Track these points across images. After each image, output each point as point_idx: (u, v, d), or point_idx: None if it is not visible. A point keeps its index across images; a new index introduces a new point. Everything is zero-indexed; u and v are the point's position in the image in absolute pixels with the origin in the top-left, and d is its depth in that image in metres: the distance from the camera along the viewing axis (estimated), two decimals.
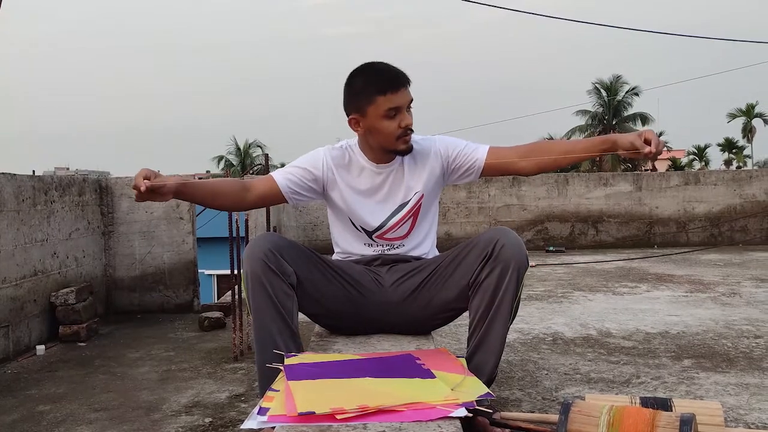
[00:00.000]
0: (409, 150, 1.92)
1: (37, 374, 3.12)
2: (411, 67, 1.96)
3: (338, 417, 1.27)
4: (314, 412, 1.28)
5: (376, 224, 1.98)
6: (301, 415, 1.28)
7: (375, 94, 1.84)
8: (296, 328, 1.77)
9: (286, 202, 1.98)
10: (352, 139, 2.00)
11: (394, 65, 1.92)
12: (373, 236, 1.99)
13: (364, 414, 1.29)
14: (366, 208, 1.97)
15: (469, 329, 1.85)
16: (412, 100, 1.89)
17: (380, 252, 2.01)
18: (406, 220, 1.99)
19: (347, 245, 2.04)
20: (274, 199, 1.96)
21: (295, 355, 1.67)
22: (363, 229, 1.99)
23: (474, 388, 1.47)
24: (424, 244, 2.05)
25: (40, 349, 3.56)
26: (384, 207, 1.98)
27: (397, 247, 2.01)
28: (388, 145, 1.91)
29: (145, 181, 1.67)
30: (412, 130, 1.89)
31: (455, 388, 1.44)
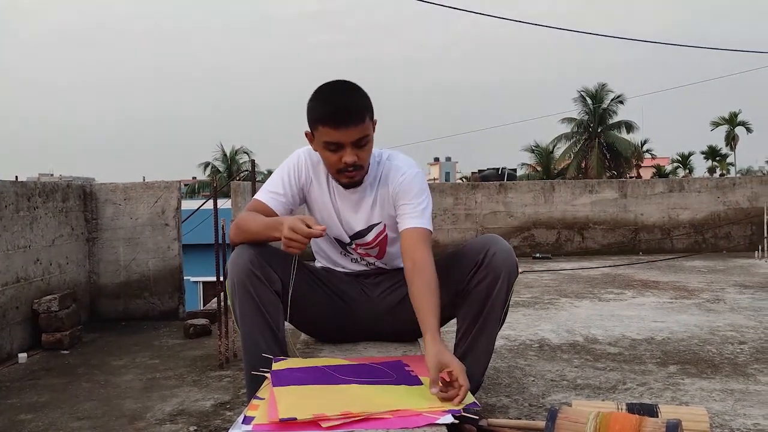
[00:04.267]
0: (352, 185, 1.82)
1: (18, 382, 3.07)
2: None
3: (323, 425, 1.26)
4: (296, 418, 1.27)
5: (346, 241, 1.94)
6: (282, 421, 1.27)
7: (317, 122, 1.71)
8: (283, 336, 1.76)
9: None
10: None
11: (353, 97, 1.72)
12: (348, 248, 1.96)
13: (349, 422, 1.28)
14: (334, 221, 1.90)
15: (457, 336, 1.85)
16: (364, 137, 1.72)
17: (362, 265, 1.98)
18: (373, 247, 1.93)
19: (327, 251, 2.01)
20: None
21: (283, 359, 1.66)
22: (336, 240, 1.95)
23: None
24: (400, 260, 2.00)
25: (23, 357, 3.51)
26: (349, 225, 1.90)
27: (373, 264, 1.99)
28: (332, 174, 1.81)
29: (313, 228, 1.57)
30: (359, 167, 1.75)
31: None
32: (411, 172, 1.85)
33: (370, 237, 1.90)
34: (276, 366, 1.60)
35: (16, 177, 8.79)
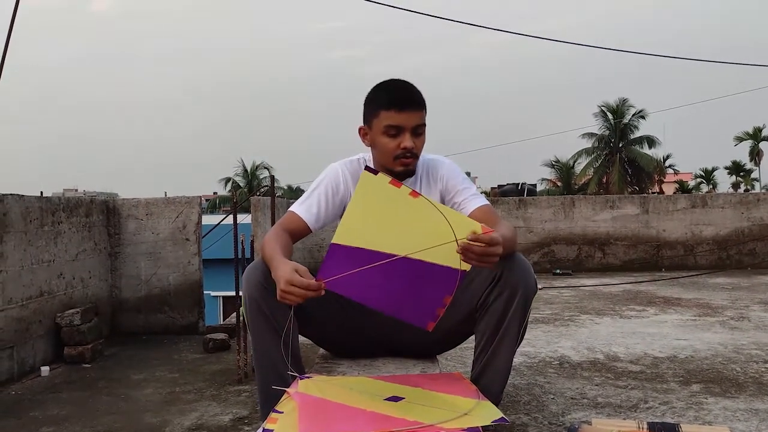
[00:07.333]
0: (407, 174, 1.88)
1: (40, 395, 3.11)
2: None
3: None
4: None
5: None
6: None
7: (379, 108, 1.83)
8: (297, 350, 1.76)
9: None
10: (368, 153, 1.98)
11: (413, 87, 1.87)
12: None
13: None
14: None
15: (475, 352, 1.84)
16: (422, 124, 1.84)
17: None
18: None
19: None
20: (304, 235, 1.91)
21: (309, 377, 1.66)
22: None
23: (487, 413, 1.45)
24: None
25: (45, 370, 3.55)
26: None
27: None
28: (387, 163, 1.87)
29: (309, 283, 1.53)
30: (414, 155, 1.84)
31: (469, 413, 1.43)
32: (448, 162, 2.00)
33: None
34: (303, 388, 1.58)
35: (41, 192, 8.92)
